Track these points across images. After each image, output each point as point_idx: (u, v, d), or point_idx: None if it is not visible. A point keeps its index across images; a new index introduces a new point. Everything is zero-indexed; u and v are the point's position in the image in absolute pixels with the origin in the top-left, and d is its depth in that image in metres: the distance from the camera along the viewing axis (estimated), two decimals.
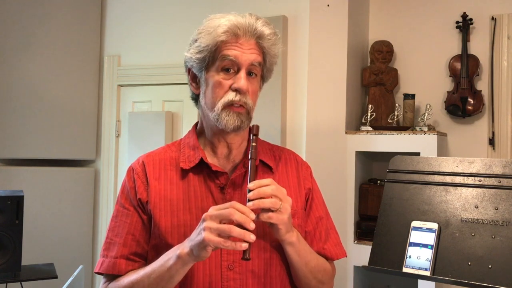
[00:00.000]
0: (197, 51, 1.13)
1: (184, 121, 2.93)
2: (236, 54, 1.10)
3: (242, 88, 1.11)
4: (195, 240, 0.99)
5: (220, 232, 0.96)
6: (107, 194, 3.13)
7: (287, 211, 1.04)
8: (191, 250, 1.00)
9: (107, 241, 1.18)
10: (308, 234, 1.23)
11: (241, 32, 1.11)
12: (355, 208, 2.54)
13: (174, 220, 1.13)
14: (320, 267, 1.19)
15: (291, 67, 2.57)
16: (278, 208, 1.02)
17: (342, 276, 2.47)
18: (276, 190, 1.03)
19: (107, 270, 1.15)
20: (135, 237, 1.16)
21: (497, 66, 2.59)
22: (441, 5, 2.74)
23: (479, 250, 0.97)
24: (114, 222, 1.19)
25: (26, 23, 2.95)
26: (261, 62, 1.15)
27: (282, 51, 1.21)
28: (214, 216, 0.98)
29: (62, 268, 2.30)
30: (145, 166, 1.20)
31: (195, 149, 1.20)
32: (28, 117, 2.95)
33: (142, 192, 1.17)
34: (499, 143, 2.56)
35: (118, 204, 1.20)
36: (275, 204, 1.02)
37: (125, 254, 1.15)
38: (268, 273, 1.14)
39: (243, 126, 1.14)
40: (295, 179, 1.25)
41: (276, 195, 1.03)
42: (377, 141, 2.48)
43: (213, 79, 1.13)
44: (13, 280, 1.87)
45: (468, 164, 1.08)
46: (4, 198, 1.84)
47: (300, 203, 1.23)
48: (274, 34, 1.15)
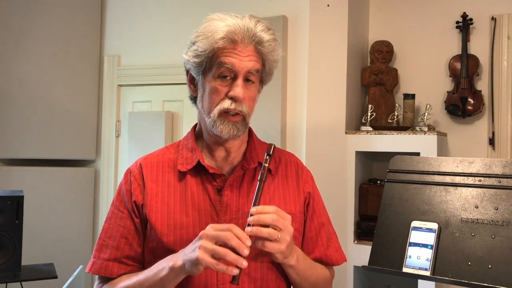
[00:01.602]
0: (195, 55, 1.12)
1: (184, 121, 2.93)
2: (233, 62, 1.09)
3: (238, 97, 1.09)
4: (188, 256, 0.99)
5: (215, 254, 0.96)
6: (107, 194, 3.13)
7: (286, 242, 1.02)
8: (183, 264, 1.00)
9: (100, 242, 1.18)
10: (310, 240, 1.23)
11: (239, 38, 1.09)
12: (355, 208, 2.54)
13: (170, 223, 1.13)
14: (320, 280, 1.21)
15: (291, 67, 2.57)
16: (276, 239, 1.01)
17: (342, 276, 2.47)
18: (277, 220, 1.01)
19: (99, 272, 1.16)
20: (128, 241, 1.16)
21: (497, 66, 2.59)
22: (441, 5, 2.74)
23: (479, 250, 0.97)
24: (107, 224, 1.19)
25: (25, 23, 2.95)
26: (259, 69, 1.13)
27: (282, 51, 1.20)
28: (211, 237, 0.97)
29: (62, 268, 2.30)
30: (143, 169, 1.19)
31: (192, 151, 1.19)
32: (28, 117, 2.95)
33: (138, 195, 1.16)
34: (499, 143, 2.56)
35: (113, 206, 1.20)
36: (273, 235, 1.00)
37: (118, 257, 1.15)
38: (264, 276, 1.14)
39: (239, 134, 1.13)
40: (295, 182, 1.25)
41: (277, 225, 1.01)
42: (377, 141, 2.48)
43: (209, 84, 1.12)
44: (13, 280, 1.87)
45: (468, 164, 1.08)
46: (4, 198, 1.84)
47: (298, 207, 1.22)
48: (274, 40, 1.13)
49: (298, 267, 1.12)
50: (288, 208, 1.20)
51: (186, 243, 1.09)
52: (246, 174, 1.19)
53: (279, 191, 1.21)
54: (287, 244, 1.02)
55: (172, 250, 1.10)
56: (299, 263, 1.11)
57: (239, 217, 1.13)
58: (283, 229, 1.02)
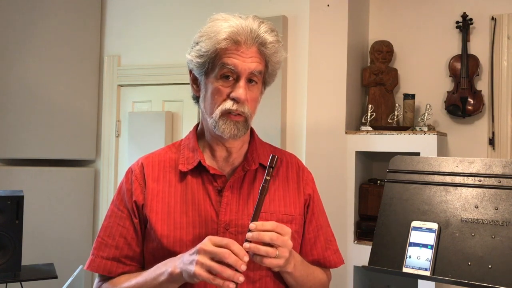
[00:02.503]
0: (198, 55, 1.12)
1: (184, 121, 2.93)
2: (235, 63, 1.09)
3: (240, 98, 1.10)
4: (186, 268, 1.00)
5: (211, 270, 0.96)
6: (107, 194, 3.13)
7: (284, 258, 1.02)
8: (181, 272, 1.01)
9: (99, 240, 1.18)
10: (308, 242, 1.23)
11: (242, 39, 1.09)
12: (355, 208, 2.54)
13: (170, 223, 1.13)
14: (317, 284, 1.21)
15: (291, 67, 2.57)
16: (274, 257, 1.01)
17: (342, 276, 2.47)
18: (276, 239, 1.00)
19: (97, 270, 1.16)
20: (126, 240, 1.16)
21: (497, 66, 2.59)
22: (441, 5, 2.74)
23: (479, 250, 0.97)
24: (107, 222, 1.19)
25: (25, 23, 2.95)
26: (262, 70, 1.13)
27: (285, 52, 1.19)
28: (208, 252, 0.97)
29: (62, 268, 2.30)
30: (144, 168, 1.19)
31: (194, 151, 1.19)
32: (28, 117, 2.95)
33: (139, 195, 1.16)
34: (499, 143, 2.56)
35: (113, 204, 1.21)
36: (271, 254, 1.00)
37: (117, 256, 1.16)
38: (263, 278, 1.14)
39: (240, 134, 1.13)
40: (295, 184, 1.24)
41: (275, 242, 1.00)
42: (377, 141, 2.48)
43: (212, 85, 1.12)
44: (13, 280, 1.87)
45: (468, 164, 1.08)
46: (4, 198, 1.84)
47: (298, 209, 1.22)
48: (277, 42, 1.14)
49: (296, 273, 1.12)
50: (288, 210, 1.19)
51: (185, 243, 1.09)
52: (247, 175, 1.19)
53: (279, 193, 1.21)
54: (285, 259, 1.03)
55: (171, 250, 1.10)
56: (296, 269, 1.11)
57: (238, 218, 1.13)
58: (282, 245, 1.02)
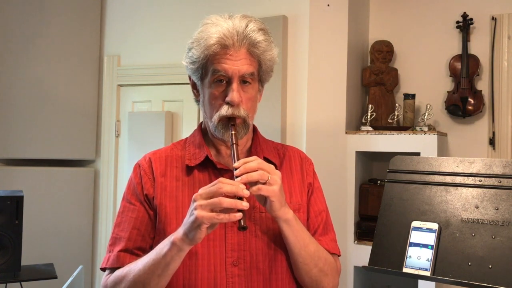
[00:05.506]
0: (191, 61, 1.15)
1: (184, 121, 2.93)
2: (225, 68, 1.10)
3: (233, 101, 1.11)
4: (188, 223, 0.99)
5: (212, 207, 0.96)
6: (107, 194, 3.13)
7: (277, 183, 1.03)
8: (185, 234, 1.00)
9: (113, 236, 1.19)
10: (307, 228, 1.23)
11: (230, 42, 1.10)
12: (355, 208, 2.54)
13: (179, 217, 1.13)
14: (321, 254, 1.17)
15: (291, 67, 2.57)
16: (267, 180, 1.02)
17: (342, 276, 2.46)
18: (262, 164, 1.03)
19: (112, 265, 1.15)
20: (140, 232, 1.16)
21: (497, 66, 2.59)
22: (441, 5, 2.74)
23: (480, 250, 0.97)
24: (120, 218, 1.20)
25: (26, 24, 2.95)
26: (254, 71, 1.14)
27: (282, 51, 1.20)
28: (203, 194, 0.98)
29: (62, 268, 2.30)
30: (152, 163, 1.21)
31: (200, 147, 1.21)
32: (28, 117, 2.95)
33: (149, 188, 1.18)
34: (499, 143, 2.56)
35: (124, 200, 1.21)
36: (263, 176, 1.01)
37: (130, 247, 1.16)
38: (273, 269, 1.14)
39: (240, 136, 1.15)
40: (299, 174, 1.27)
41: (263, 168, 1.02)
42: (377, 141, 2.48)
43: (208, 90, 1.15)
44: (13, 280, 1.87)
45: (469, 164, 1.07)
46: (4, 198, 1.84)
47: (305, 198, 1.24)
48: (266, 40, 1.14)
49: (296, 224, 1.11)
50: (295, 199, 1.21)
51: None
52: None
53: (284, 184, 1.21)
54: (279, 186, 1.04)
55: None
56: (296, 220, 1.11)
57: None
58: (271, 171, 1.03)
